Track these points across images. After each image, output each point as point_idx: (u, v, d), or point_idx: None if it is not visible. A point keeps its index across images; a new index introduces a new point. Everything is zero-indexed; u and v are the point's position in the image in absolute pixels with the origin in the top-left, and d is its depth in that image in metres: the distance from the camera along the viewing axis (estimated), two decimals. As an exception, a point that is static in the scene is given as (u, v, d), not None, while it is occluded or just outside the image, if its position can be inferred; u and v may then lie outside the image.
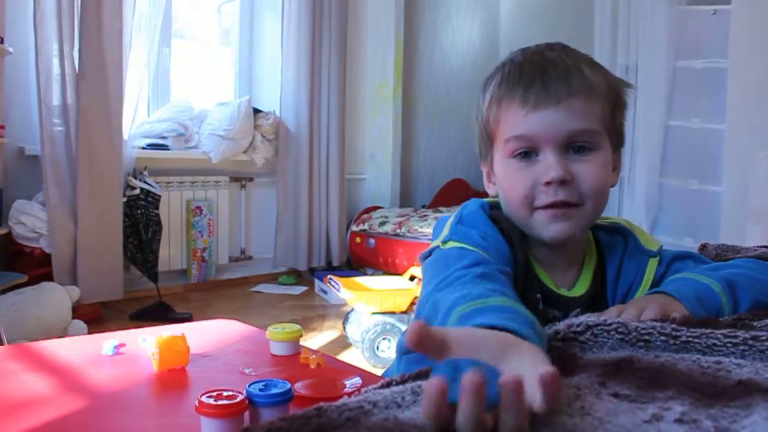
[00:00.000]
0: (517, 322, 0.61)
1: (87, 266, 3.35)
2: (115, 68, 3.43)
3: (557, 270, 0.97)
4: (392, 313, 2.88)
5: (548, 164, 0.86)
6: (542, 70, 0.87)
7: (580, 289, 0.97)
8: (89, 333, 2.77)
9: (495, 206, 0.98)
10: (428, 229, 4.08)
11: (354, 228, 4.76)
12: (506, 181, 0.92)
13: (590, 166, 0.88)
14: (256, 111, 4.35)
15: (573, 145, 0.88)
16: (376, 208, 4.96)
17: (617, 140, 0.95)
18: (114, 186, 3.47)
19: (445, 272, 0.83)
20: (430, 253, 0.94)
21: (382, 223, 4.57)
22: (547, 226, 0.90)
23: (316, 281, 4.22)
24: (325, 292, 4.00)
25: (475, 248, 0.88)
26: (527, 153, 0.89)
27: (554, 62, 0.88)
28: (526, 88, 0.86)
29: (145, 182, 3.66)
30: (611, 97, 0.91)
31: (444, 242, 0.92)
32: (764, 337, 0.66)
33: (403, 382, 0.55)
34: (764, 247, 1.35)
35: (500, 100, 0.90)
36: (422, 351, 0.51)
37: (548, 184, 0.87)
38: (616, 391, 0.53)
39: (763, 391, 0.50)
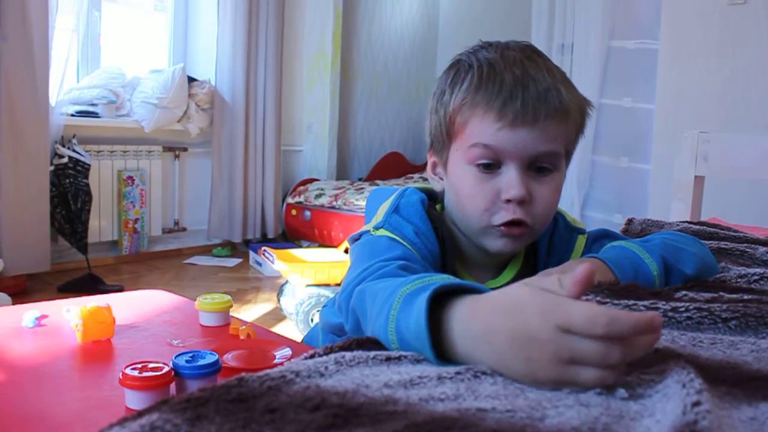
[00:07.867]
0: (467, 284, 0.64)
1: (11, 237, 3.22)
2: (40, 30, 3.28)
3: (486, 269, 0.99)
4: (327, 285, 2.88)
5: (510, 181, 0.87)
6: (523, 86, 0.85)
7: (507, 276, 0.99)
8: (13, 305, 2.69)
9: (430, 197, 1.00)
10: (364, 203, 4.09)
11: (290, 200, 4.73)
12: (465, 189, 0.91)
13: (547, 188, 0.89)
14: (191, 79, 4.25)
15: (535, 165, 0.88)
16: (312, 180, 4.92)
17: (569, 160, 0.96)
18: (40, 154, 3.34)
19: (369, 260, 0.83)
20: (360, 236, 0.95)
21: (319, 196, 4.55)
22: (496, 241, 0.91)
23: (251, 253, 4.18)
24: (259, 264, 3.97)
25: (405, 242, 0.89)
26: (489, 165, 0.88)
27: (535, 79, 0.86)
28: (505, 101, 0.85)
29: (74, 150, 3.54)
30: (579, 120, 0.92)
31: (376, 228, 0.92)
32: (682, 308, 0.69)
33: (327, 353, 0.55)
34: (686, 222, 1.40)
35: (475, 105, 0.87)
36: None
37: (508, 201, 0.87)
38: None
39: (676, 357, 0.52)
